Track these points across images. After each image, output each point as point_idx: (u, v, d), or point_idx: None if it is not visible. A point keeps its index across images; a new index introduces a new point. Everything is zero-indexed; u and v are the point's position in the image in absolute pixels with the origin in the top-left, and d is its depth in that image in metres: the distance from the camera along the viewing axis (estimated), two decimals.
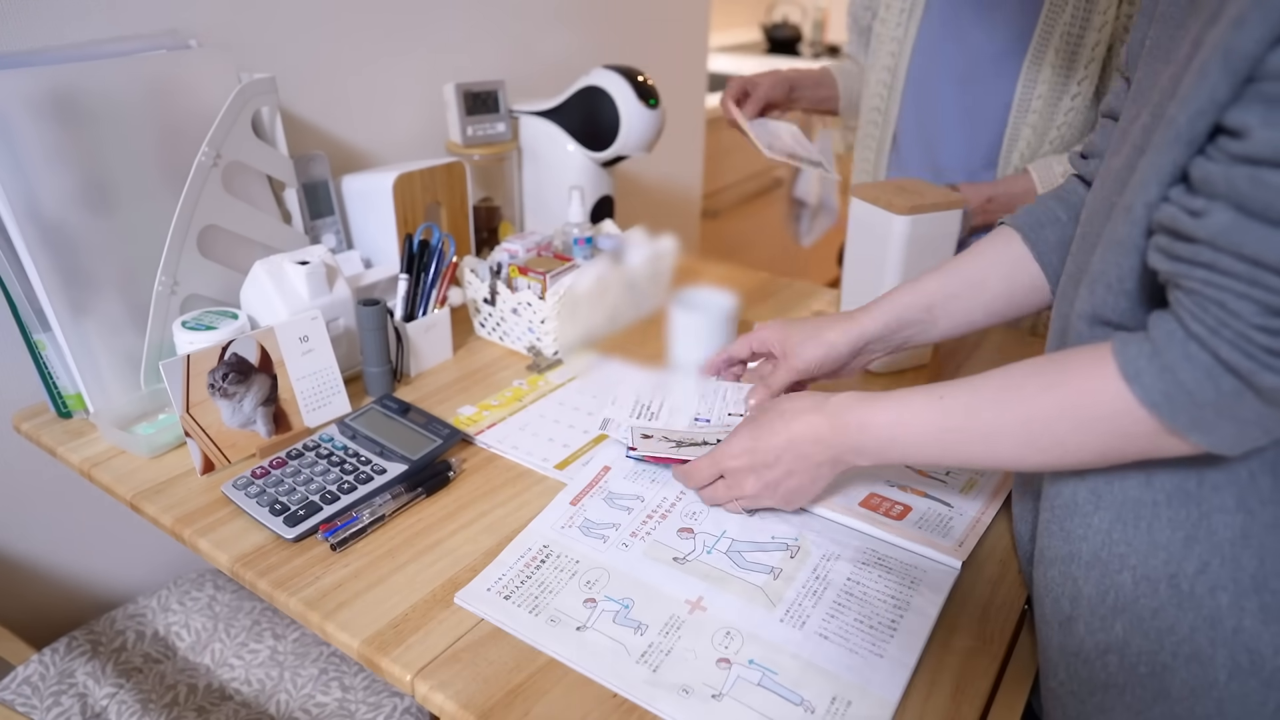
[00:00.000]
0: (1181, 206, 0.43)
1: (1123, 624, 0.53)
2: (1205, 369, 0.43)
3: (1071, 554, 0.55)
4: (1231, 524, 0.49)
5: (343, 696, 0.87)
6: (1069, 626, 0.56)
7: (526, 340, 1.02)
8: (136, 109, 0.83)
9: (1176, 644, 0.51)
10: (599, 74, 1.20)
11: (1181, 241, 0.43)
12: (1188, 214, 0.43)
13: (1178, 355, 0.44)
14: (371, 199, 1.05)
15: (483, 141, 1.24)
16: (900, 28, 1.10)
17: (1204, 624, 0.50)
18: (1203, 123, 0.42)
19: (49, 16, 0.87)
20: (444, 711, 0.56)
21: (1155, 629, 0.51)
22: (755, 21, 3.40)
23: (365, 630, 0.61)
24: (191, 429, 0.77)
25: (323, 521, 0.71)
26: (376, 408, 0.85)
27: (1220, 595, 0.49)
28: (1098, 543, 0.54)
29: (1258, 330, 0.41)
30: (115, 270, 0.84)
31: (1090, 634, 0.54)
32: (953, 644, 0.61)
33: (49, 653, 0.89)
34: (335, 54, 1.15)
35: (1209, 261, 0.42)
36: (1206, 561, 0.49)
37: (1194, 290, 0.43)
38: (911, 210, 0.87)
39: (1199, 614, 0.50)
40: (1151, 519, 0.51)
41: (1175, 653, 0.51)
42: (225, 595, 0.99)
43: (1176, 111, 0.43)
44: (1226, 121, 0.41)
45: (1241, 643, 0.49)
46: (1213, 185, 0.41)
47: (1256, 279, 0.40)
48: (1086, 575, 0.54)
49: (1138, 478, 0.52)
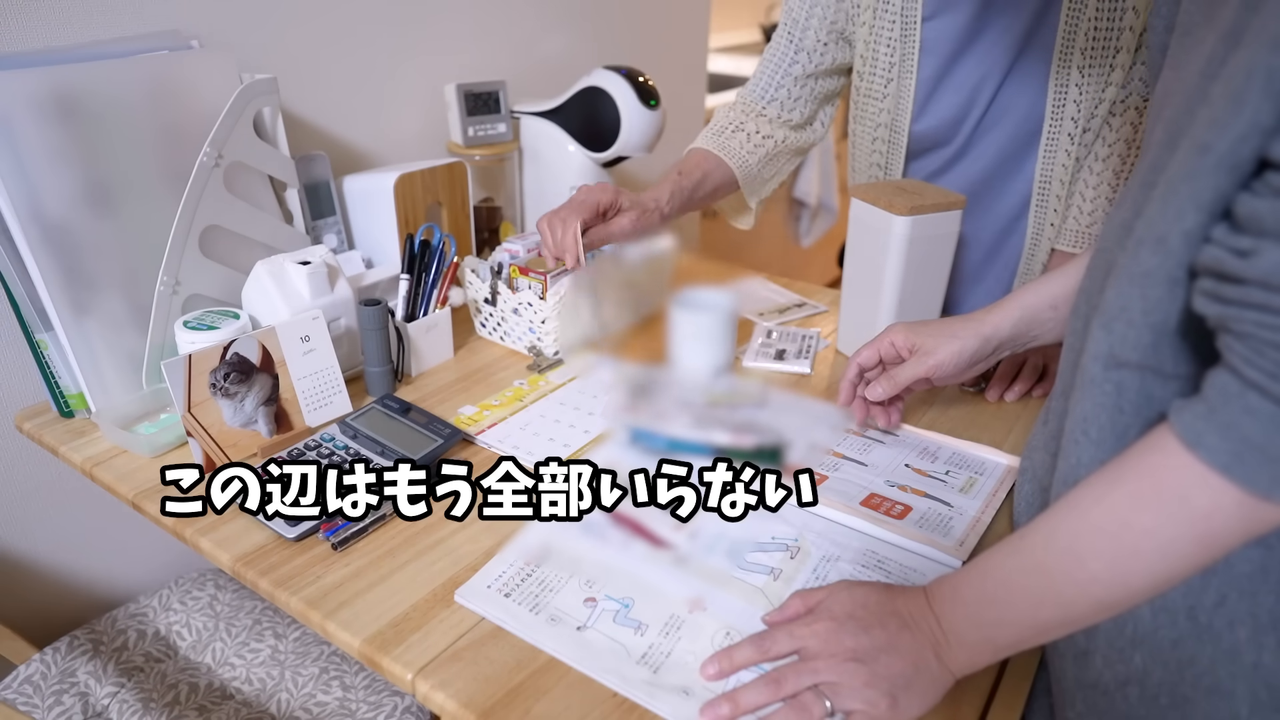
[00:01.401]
0: (1227, 247, 0.40)
1: (1142, 656, 0.51)
2: (1271, 418, 0.39)
3: None
4: (1249, 558, 0.47)
5: (344, 695, 0.88)
6: (1084, 660, 0.55)
7: (527, 340, 1.02)
8: (139, 109, 0.83)
9: (1197, 676, 0.49)
10: (599, 74, 1.20)
11: (1230, 284, 0.40)
12: (1235, 255, 0.40)
13: (1237, 410, 0.40)
14: (373, 199, 1.05)
15: (484, 142, 1.24)
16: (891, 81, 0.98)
17: (1224, 658, 0.48)
18: (1247, 149, 0.39)
19: (51, 17, 0.87)
20: (444, 710, 0.56)
21: (1176, 660, 0.50)
22: (755, 22, 3.40)
23: (366, 629, 0.61)
24: (193, 428, 0.77)
25: (324, 521, 0.71)
26: (377, 407, 0.85)
27: (1239, 630, 0.48)
28: None
29: None
30: (117, 270, 0.85)
31: (1108, 666, 0.53)
32: None
33: (50, 652, 0.90)
34: (337, 55, 1.15)
35: (1261, 303, 0.39)
36: (1224, 595, 0.48)
37: (1247, 334, 0.40)
38: (912, 211, 0.87)
39: (1218, 647, 0.48)
40: None
41: (1195, 685, 0.49)
42: (226, 595, 0.99)
43: (1212, 137, 0.40)
44: (1272, 154, 0.38)
45: (1261, 678, 0.47)
46: (1261, 222, 0.39)
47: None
48: None
49: None
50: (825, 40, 1.01)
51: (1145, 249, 0.45)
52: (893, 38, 0.96)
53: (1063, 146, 0.92)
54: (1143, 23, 0.85)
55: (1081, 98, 0.89)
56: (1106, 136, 0.90)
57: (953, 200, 0.90)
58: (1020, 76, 0.92)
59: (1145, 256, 0.45)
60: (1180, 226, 0.43)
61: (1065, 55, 0.88)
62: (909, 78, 0.97)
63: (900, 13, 0.94)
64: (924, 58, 0.95)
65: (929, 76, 0.96)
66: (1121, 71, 0.87)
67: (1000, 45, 0.91)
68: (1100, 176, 0.91)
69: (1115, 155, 0.90)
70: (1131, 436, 0.48)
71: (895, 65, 0.97)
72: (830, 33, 1.01)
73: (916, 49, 0.95)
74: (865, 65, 1.00)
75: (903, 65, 0.96)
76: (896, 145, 1.02)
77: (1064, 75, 0.89)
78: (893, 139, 1.02)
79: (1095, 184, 0.92)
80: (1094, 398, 0.50)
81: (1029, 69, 0.91)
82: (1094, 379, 0.49)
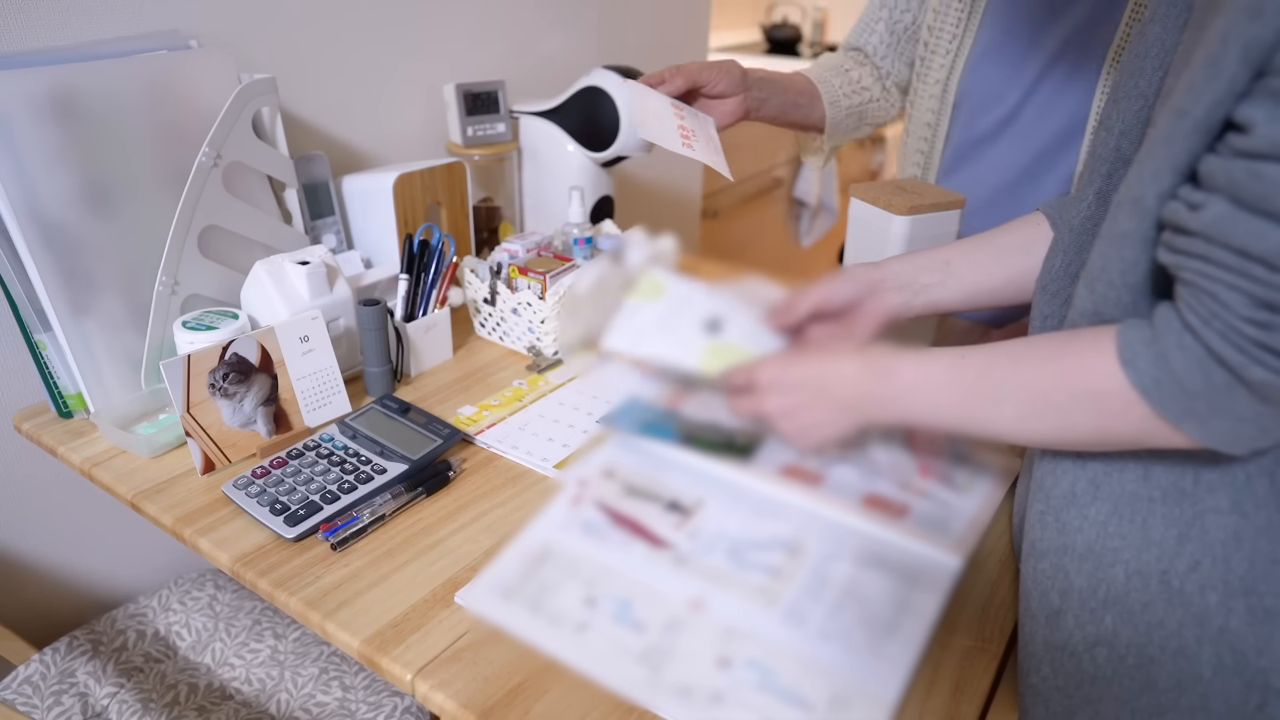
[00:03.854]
0: (1184, 201, 0.44)
1: (1113, 617, 0.53)
2: (1197, 360, 0.44)
3: (1065, 546, 0.56)
4: (1224, 525, 0.49)
5: (343, 696, 0.87)
6: (1056, 620, 0.56)
7: (526, 340, 1.02)
8: (137, 109, 0.83)
9: (1165, 638, 0.51)
10: (599, 74, 1.20)
11: (1181, 235, 0.44)
12: (1188, 207, 0.43)
13: (1172, 344, 0.45)
14: (372, 199, 1.05)
15: (483, 142, 1.24)
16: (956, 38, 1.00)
17: (1192, 621, 0.50)
18: (1220, 113, 0.42)
19: (50, 16, 0.87)
20: (444, 711, 0.56)
21: (1145, 623, 0.52)
22: (755, 22, 3.41)
23: (366, 630, 0.61)
24: (192, 429, 0.77)
25: (323, 521, 0.71)
26: (377, 407, 0.85)
27: (1209, 594, 0.50)
28: (1092, 535, 0.54)
29: (1246, 323, 0.41)
30: (116, 270, 0.84)
31: (1079, 627, 0.55)
32: (952, 643, 0.61)
33: (50, 652, 0.89)
34: (336, 54, 1.15)
35: (1203, 253, 0.42)
36: (1198, 560, 0.50)
37: (1190, 282, 0.44)
38: (911, 210, 0.87)
39: (1188, 611, 0.50)
40: (1147, 514, 0.52)
41: (1163, 647, 0.51)
42: (226, 595, 0.99)
43: (1190, 103, 0.43)
44: (1235, 116, 0.41)
45: (1227, 642, 0.49)
46: (1213, 179, 0.42)
47: (1245, 270, 0.41)
48: (1079, 568, 0.55)
49: (1135, 471, 0.52)
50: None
51: (1123, 212, 0.48)
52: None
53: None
54: None
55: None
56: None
57: (952, 200, 0.90)
58: (1068, 73, 0.93)
59: (1123, 220, 0.48)
60: (1155, 189, 0.45)
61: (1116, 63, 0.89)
62: (971, 36, 0.99)
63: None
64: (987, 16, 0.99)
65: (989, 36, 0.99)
66: None
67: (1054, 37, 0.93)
68: None
69: None
70: None
71: (963, 22, 1.00)
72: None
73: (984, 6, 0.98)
74: (937, 19, 1.03)
75: (969, 22, 1.00)
76: (946, 105, 1.05)
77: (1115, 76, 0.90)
78: (944, 96, 1.04)
79: None
80: None
81: (1079, 68, 0.92)
82: None
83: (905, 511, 0.73)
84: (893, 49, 1.10)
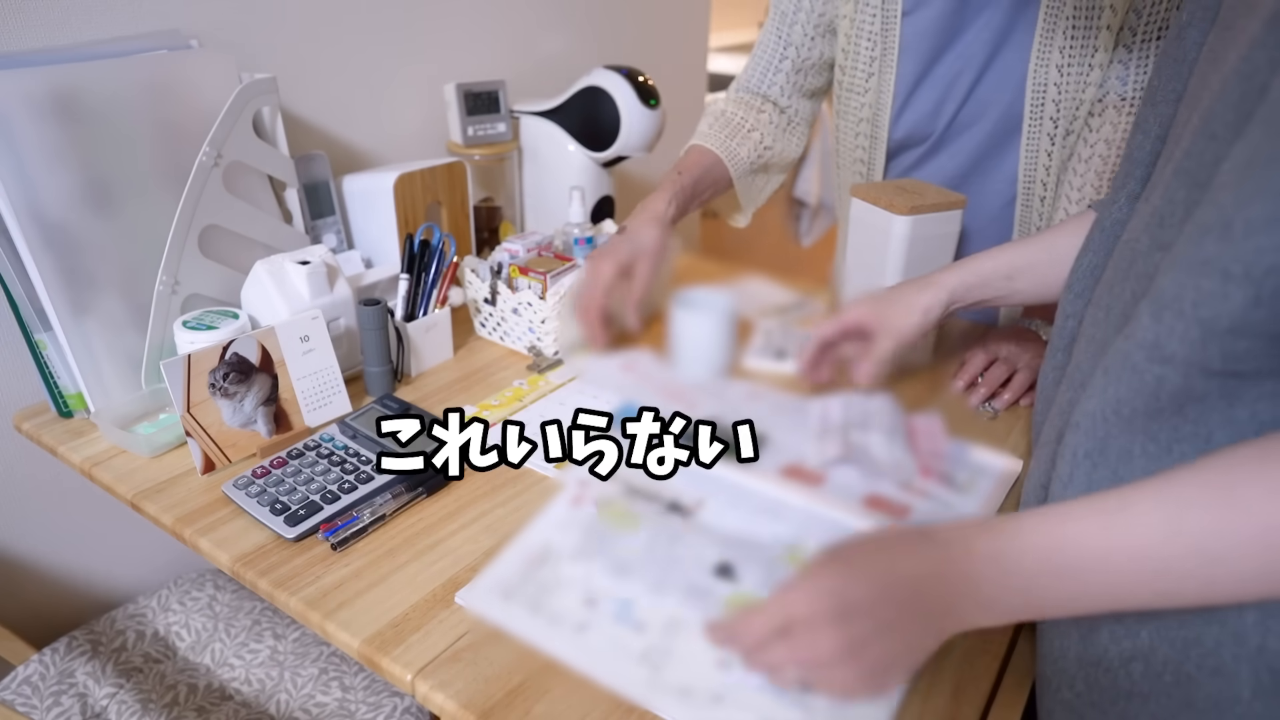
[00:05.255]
0: None
1: (1149, 631, 0.51)
2: None
3: None
4: None
5: (343, 696, 0.87)
6: (1091, 635, 0.54)
7: (527, 340, 1.02)
8: (138, 109, 0.83)
9: (1201, 656, 0.49)
10: (599, 74, 1.20)
11: None
12: None
13: None
14: (372, 199, 1.05)
15: (483, 141, 1.24)
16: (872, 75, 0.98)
17: (1229, 639, 0.48)
18: None
19: (50, 16, 0.87)
20: (444, 711, 0.56)
21: (1181, 639, 0.50)
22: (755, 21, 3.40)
23: (365, 630, 0.61)
24: (192, 428, 0.77)
25: (323, 521, 0.71)
26: (377, 407, 0.85)
27: (1247, 613, 0.47)
28: None
29: None
30: (116, 270, 0.84)
31: (1114, 642, 0.53)
32: (953, 644, 0.61)
33: (49, 653, 0.89)
34: (336, 54, 1.15)
35: None
36: None
37: None
38: (912, 210, 0.87)
39: (1224, 628, 0.48)
40: None
41: (1200, 665, 0.49)
42: (225, 595, 0.99)
43: None
44: None
45: (1265, 662, 0.47)
46: None
47: None
48: None
49: None
50: (813, 34, 1.03)
51: (1210, 236, 0.42)
52: (873, 32, 0.96)
53: (1043, 147, 0.93)
54: (1120, 21, 0.85)
55: (1061, 97, 0.90)
56: (1088, 137, 0.91)
57: (953, 200, 0.90)
58: (999, 73, 0.93)
59: (1209, 244, 0.42)
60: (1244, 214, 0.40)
61: (1044, 54, 0.89)
62: (889, 72, 0.97)
63: (881, 6, 0.95)
64: (903, 53, 0.96)
65: (909, 71, 0.96)
66: (1100, 71, 0.88)
67: (979, 40, 0.92)
68: (1084, 178, 0.91)
69: (1097, 156, 0.90)
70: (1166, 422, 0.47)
71: (876, 60, 0.97)
72: (817, 26, 1.02)
73: (897, 43, 0.95)
74: (847, 59, 1.01)
75: (884, 60, 0.97)
76: (878, 140, 1.03)
77: (1042, 74, 0.90)
78: (874, 134, 1.03)
79: (1079, 185, 0.92)
80: (1132, 384, 0.48)
81: (1008, 65, 0.92)
82: (1136, 366, 0.47)
83: (906, 512, 0.73)
84: (799, 89, 1.08)
